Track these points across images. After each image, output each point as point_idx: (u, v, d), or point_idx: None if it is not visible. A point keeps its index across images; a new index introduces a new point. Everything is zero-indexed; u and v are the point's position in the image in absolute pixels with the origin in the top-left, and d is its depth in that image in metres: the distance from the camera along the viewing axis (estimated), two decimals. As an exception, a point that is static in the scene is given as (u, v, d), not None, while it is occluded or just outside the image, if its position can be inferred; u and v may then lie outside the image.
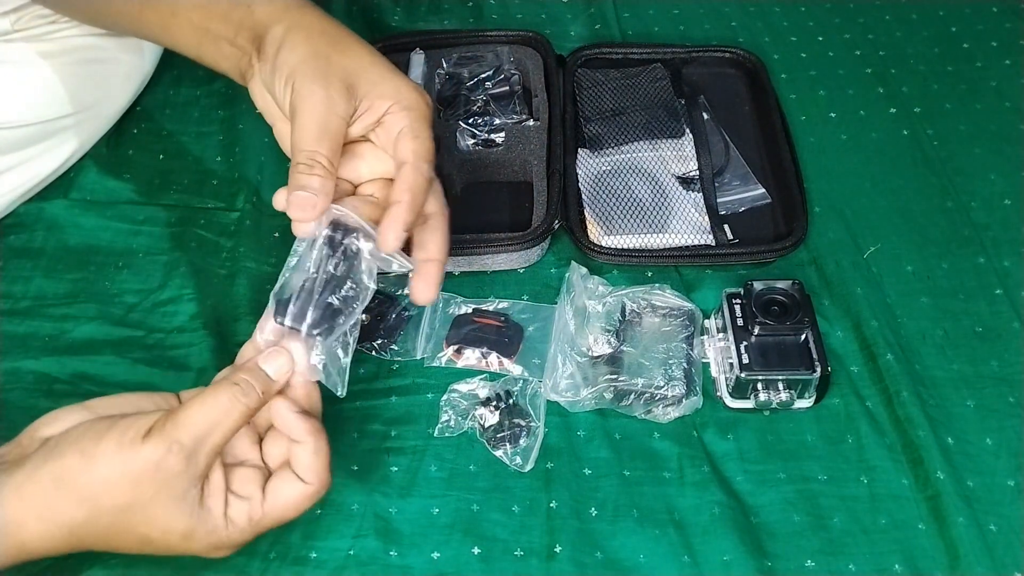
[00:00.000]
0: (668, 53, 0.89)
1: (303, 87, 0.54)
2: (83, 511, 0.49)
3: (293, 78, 0.54)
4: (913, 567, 0.60)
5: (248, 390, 0.50)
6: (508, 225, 0.76)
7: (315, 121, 0.53)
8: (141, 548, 0.51)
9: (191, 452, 0.48)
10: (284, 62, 0.55)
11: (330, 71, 0.55)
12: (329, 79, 0.54)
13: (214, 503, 0.50)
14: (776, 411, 0.67)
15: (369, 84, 0.55)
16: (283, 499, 0.52)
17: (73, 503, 0.48)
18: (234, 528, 0.50)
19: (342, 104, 0.54)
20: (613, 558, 0.60)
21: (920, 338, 0.71)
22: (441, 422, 0.66)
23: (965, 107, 0.87)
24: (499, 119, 0.81)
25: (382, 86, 0.56)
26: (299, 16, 0.57)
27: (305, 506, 0.53)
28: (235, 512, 0.51)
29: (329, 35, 0.57)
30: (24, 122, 0.75)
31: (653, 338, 0.69)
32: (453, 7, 0.98)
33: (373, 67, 0.56)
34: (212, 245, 0.77)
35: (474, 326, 0.71)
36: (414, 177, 0.55)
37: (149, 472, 0.48)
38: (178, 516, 0.49)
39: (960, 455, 0.64)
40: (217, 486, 0.51)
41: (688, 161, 0.81)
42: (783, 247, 0.74)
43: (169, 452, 0.48)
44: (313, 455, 0.52)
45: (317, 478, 0.52)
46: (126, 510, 0.49)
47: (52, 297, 0.73)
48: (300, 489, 0.52)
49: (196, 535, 0.50)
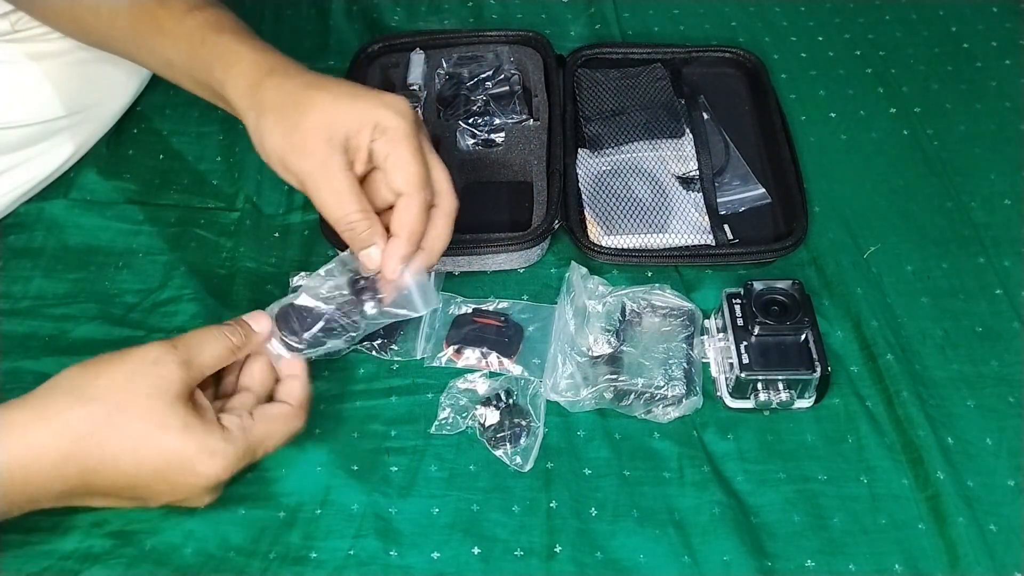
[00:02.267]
0: (668, 53, 0.89)
1: (297, 169, 0.57)
2: (77, 408, 0.51)
3: (283, 161, 0.58)
4: (913, 567, 0.60)
5: (234, 332, 0.56)
6: (508, 225, 0.76)
7: (325, 192, 0.57)
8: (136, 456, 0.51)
9: (186, 360, 0.53)
10: (270, 150, 0.58)
11: (307, 140, 0.56)
12: (311, 147, 0.56)
13: (208, 411, 0.54)
14: (776, 411, 0.67)
15: (342, 124, 0.57)
16: (270, 415, 0.56)
17: (67, 401, 0.51)
18: (229, 434, 0.53)
19: (334, 161, 0.56)
20: (613, 558, 0.60)
21: (920, 338, 0.71)
22: (439, 419, 0.66)
23: (965, 107, 0.87)
24: (499, 119, 0.82)
25: (352, 118, 0.57)
26: (261, 94, 0.59)
27: (289, 429, 0.56)
28: (228, 421, 0.54)
29: (289, 104, 0.58)
30: (24, 122, 0.75)
31: (653, 338, 0.69)
32: (453, 7, 0.98)
33: (340, 103, 0.57)
34: (212, 245, 0.77)
35: (474, 326, 0.71)
36: (408, 211, 0.58)
37: (146, 366, 0.52)
38: (172, 412, 0.51)
39: (960, 455, 0.64)
40: (205, 404, 0.54)
41: (688, 161, 0.81)
42: (783, 247, 0.74)
43: (167, 352, 0.52)
44: (302, 387, 0.58)
45: (299, 401, 0.58)
46: (121, 401, 0.51)
47: (52, 297, 0.73)
48: (284, 408, 0.57)
49: (193, 431, 0.51)
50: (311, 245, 0.77)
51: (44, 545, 0.59)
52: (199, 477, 0.52)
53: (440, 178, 0.60)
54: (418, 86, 0.85)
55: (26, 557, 0.58)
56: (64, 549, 0.59)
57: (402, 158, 0.57)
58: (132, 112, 0.85)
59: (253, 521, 0.61)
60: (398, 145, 0.57)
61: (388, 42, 0.88)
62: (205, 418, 0.53)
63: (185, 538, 0.60)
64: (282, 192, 0.81)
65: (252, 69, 0.59)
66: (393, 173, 0.57)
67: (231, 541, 0.60)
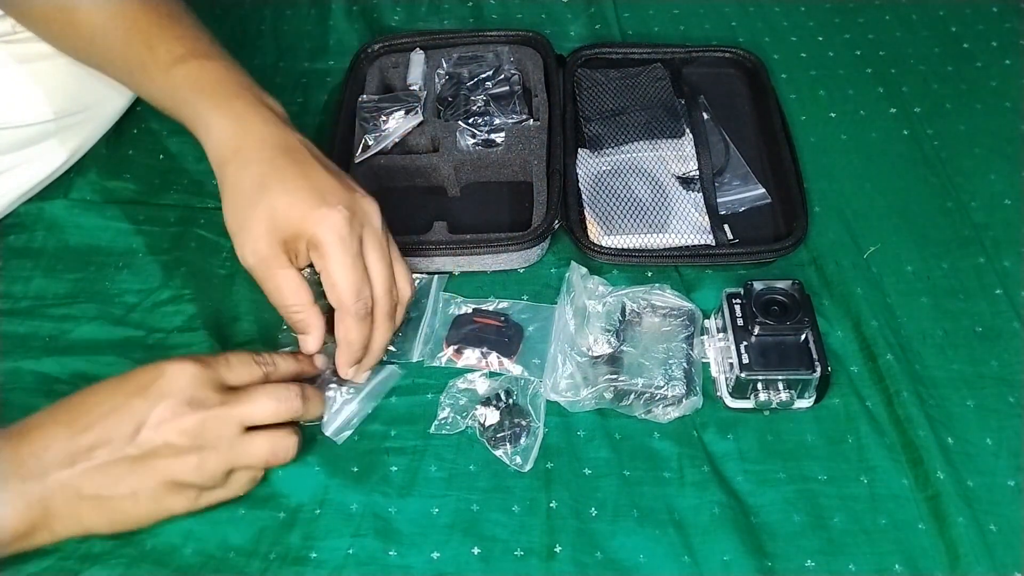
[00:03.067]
0: (668, 53, 0.89)
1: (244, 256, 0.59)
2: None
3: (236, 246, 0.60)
4: (913, 567, 0.60)
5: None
6: (508, 225, 0.76)
7: (271, 285, 0.60)
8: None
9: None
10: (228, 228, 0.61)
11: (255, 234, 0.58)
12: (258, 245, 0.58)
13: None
14: (776, 411, 0.67)
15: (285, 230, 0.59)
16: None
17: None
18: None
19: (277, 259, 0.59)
20: (613, 558, 0.60)
21: (920, 338, 0.71)
22: (439, 419, 0.66)
23: (965, 107, 0.87)
24: (499, 119, 0.81)
25: (293, 227, 0.58)
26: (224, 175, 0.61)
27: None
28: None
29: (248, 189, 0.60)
30: (24, 122, 0.75)
31: (653, 338, 0.69)
32: (453, 7, 0.98)
33: (281, 208, 0.59)
34: (212, 245, 0.77)
35: (474, 326, 0.71)
36: (343, 324, 0.61)
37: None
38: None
39: (960, 455, 0.64)
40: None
41: (688, 161, 0.81)
42: (783, 247, 0.74)
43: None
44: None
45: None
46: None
47: (52, 297, 0.73)
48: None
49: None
50: (311, 245, 0.77)
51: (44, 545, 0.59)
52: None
53: (378, 279, 0.61)
54: (418, 86, 0.85)
55: (26, 557, 0.58)
56: (64, 549, 0.59)
57: (330, 277, 0.59)
58: (132, 112, 0.85)
59: (253, 521, 0.61)
60: (328, 261, 0.59)
61: (388, 42, 0.88)
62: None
63: (185, 538, 0.60)
64: (282, 192, 0.81)
65: (220, 146, 0.61)
66: (326, 287, 0.60)
67: (231, 541, 0.60)
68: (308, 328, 0.61)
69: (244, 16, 0.97)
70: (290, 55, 0.94)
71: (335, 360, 0.63)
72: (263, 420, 0.57)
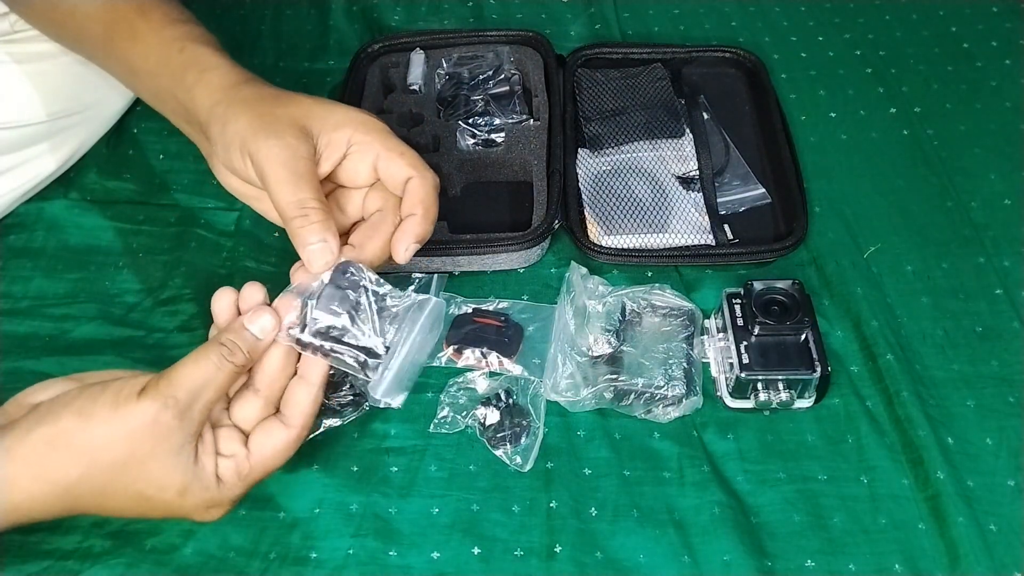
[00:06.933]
0: (668, 53, 0.89)
1: (259, 148, 0.53)
2: (79, 468, 0.49)
3: (246, 144, 0.54)
4: (913, 567, 0.60)
5: (235, 349, 0.51)
6: (508, 225, 0.76)
7: (285, 171, 0.53)
8: (136, 507, 0.51)
9: (185, 408, 0.49)
10: (233, 133, 0.55)
11: (278, 124, 0.54)
12: (279, 130, 0.54)
13: (207, 460, 0.51)
14: (776, 411, 0.67)
15: (320, 120, 0.55)
16: (269, 448, 0.53)
17: (69, 461, 0.49)
18: (224, 486, 0.51)
19: (302, 147, 0.54)
20: (613, 558, 0.60)
21: (920, 338, 0.71)
22: (438, 417, 0.66)
23: (965, 107, 0.87)
24: (499, 119, 0.82)
25: (333, 117, 0.56)
26: (235, 91, 0.57)
27: (289, 453, 0.53)
28: (223, 470, 0.51)
29: (267, 97, 0.57)
30: (24, 122, 0.75)
31: (653, 338, 0.69)
32: (453, 7, 0.98)
33: (318, 105, 0.56)
34: (212, 245, 0.77)
35: (474, 326, 0.71)
36: (423, 187, 0.56)
37: (146, 427, 0.48)
38: (174, 471, 0.49)
39: (960, 455, 0.64)
40: (209, 444, 0.51)
41: (688, 161, 0.81)
42: (783, 247, 0.74)
43: (165, 407, 0.48)
44: (312, 400, 0.53)
45: (304, 422, 0.53)
46: (123, 466, 0.49)
47: (52, 297, 0.73)
48: (284, 435, 0.53)
49: (191, 491, 0.50)
50: (311, 245, 0.77)
51: (44, 545, 0.59)
52: (196, 521, 0.53)
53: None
54: (418, 86, 0.85)
55: (26, 557, 0.58)
56: (64, 548, 0.59)
57: (396, 146, 0.56)
58: (132, 112, 0.85)
59: (253, 521, 0.61)
60: (388, 138, 0.56)
61: (388, 42, 0.88)
62: (206, 471, 0.50)
63: (185, 538, 0.60)
64: (282, 192, 0.81)
65: (230, 74, 0.58)
66: (393, 163, 0.56)
67: (231, 541, 0.60)
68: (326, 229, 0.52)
69: (244, 16, 0.97)
70: (290, 55, 0.94)
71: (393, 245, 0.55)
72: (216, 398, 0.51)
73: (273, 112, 0.55)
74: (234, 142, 0.54)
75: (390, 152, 0.56)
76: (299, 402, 0.53)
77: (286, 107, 0.55)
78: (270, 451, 0.53)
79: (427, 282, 0.74)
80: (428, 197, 0.56)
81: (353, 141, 0.56)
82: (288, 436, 0.53)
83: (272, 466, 0.53)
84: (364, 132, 0.56)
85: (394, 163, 0.56)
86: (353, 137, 0.56)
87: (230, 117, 0.55)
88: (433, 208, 0.56)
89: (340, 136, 0.55)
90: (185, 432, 0.49)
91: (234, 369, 0.51)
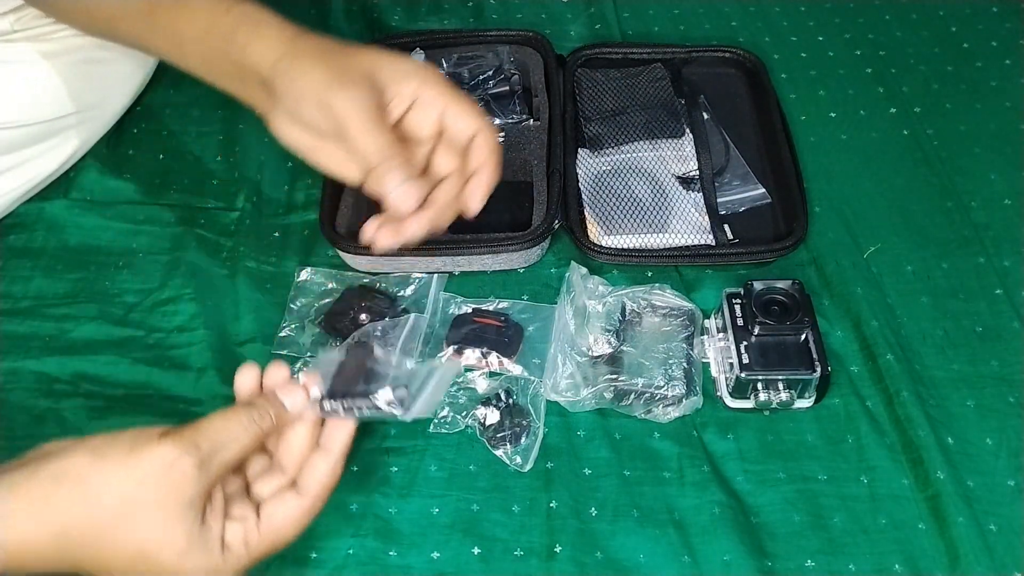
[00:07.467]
0: (668, 53, 0.89)
1: (337, 99, 0.54)
2: (81, 507, 0.46)
3: (322, 95, 0.54)
4: (913, 567, 0.60)
5: (265, 415, 0.51)
6: (508, 225, 0.76)
7: (368, 120, 0.55)
8: (132, 566, 0.48)
9: (205, 459, 0.47)
10: (305, 88, 0.55)
11: (352, 74, 0.55)
12: (356, 80, 0.55)
13: (214, 523, 0.48)
14: (776, 411, 0.67)
15: (389, 71, 0.56)
16: (280, 517, 0.50)
17: (72, 498, 0.46)
18: (229, 553, 0.48)
19: (377, 97, 0.56)
20: (613, 558, 0.60)
21: (920, 338, 0.71)
22: (439, 417, 0.66)
23: (965, 107, 0.87)
24: (499, 119, 0.82)
25: (401, 69, 0.57)
26: (295, 44, 0.57)
27: (303, 523, 0.51)
28: (230, 536, 0.49)
29: (334, 49, 0.57)
30: (25, 122, 0.75)
31: (653, 338, 0.69)
32: (453, 7, 0.98)
33: (385, 57, 0.57)
34: (212, 245, 0.77)
35: (474, 326, 0.71)
36: (492, 140, 0.58)
37: (160, 471, 0.46)
38: (179, 527, 0.47)
39: (960, 455, 0.64)
40: (219, 506, 0.49)
41: (688, 161, 0.80)
42: (783, 247, 0.74)
43: (186, 453, 0.47)
44: (331, 471, 0.52)
45: (320, 492, 0.51)
46: (127, 510, 0.47)
47: (52, 297, 0.73)
48: (297, 504, 0.51)
49: (192, 554, 0.47)
50: (311, 245, 0.77)
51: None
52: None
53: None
54: (418, 86, 0.85)
55: (26, 557, 0.58)
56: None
57: (462, 99, 0.57)
58: (132, 112, 0.85)
59: (253, 521, 0.61)
60: (454, 92, 0.57)
61: (388, 42, 0.88)
62: (211, 533, 0.48)
63: (185, 538, 0.60)
64: (282, 192, 0.81)
65: (284, 28, 0.58)
66: (461, 120, 0.57)
67: (231, 541, 0.60)
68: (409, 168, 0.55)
69: (244, 16, 0.97)
70: (290, 55, 0.93)
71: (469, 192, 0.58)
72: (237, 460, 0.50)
73: (346, 63, 0.56)
74: (307, 95, 0.55)
75: (458, 106, 0.57)
76: (317, 471, 0.51)
77: (356, 58, 0.56)
78: (281, 520, 0.50)
79: (427, 282, 0.74)
80: (498, 149, 0.58)
81: (419, 94, 0.57)
82: (302, 505, 0.51)
83: (283, 537, 0.51)
84: (431, 86, 0.57)
85: (462, 117, 0.57)
86: (420, 90, 0.57)
87: (300, 70, 0.56)
88: (501, 159, 0.58)
89: (407, 88, 0.57)
90: (199, 485, 0.47)
91: (260, 433, 0.50)
